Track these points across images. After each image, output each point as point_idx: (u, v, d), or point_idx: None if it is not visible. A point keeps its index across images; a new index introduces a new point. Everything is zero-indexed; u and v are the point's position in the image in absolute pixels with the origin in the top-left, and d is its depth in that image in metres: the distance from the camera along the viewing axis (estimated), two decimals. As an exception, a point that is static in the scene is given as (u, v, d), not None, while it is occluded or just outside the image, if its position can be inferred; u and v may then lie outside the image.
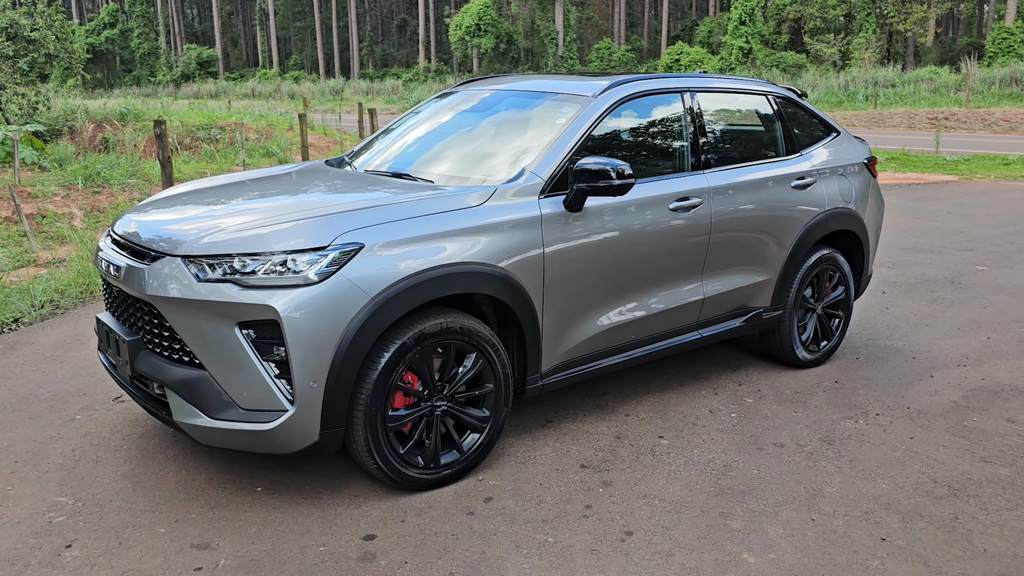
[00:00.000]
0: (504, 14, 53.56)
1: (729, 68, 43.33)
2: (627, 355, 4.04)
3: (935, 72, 35.56)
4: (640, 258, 3.93)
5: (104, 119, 18.47)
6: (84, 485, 3.42)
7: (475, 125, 4.37)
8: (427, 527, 3.13)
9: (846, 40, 43.28)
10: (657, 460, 3.73)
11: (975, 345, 5.45)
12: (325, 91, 52.92)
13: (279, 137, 18.57)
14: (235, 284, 2.99)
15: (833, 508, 3.34)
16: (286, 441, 3.06)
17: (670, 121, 4.27)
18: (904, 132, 25.20)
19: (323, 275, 3.00)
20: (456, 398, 3.43)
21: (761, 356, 5.12)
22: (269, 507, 3.26)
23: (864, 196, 5.09)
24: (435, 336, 3.26)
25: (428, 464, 3.36)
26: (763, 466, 3.70)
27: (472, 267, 3.31)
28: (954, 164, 15.99)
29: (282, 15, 72.61)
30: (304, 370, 2.98)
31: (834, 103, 33.52)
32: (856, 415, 4.29)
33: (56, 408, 4.23)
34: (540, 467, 3.64)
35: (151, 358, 3.24)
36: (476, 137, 4.26)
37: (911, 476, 3.63)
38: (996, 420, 4.25)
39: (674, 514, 3.27)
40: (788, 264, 4.64)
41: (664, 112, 4.26)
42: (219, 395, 3.06)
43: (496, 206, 3.47)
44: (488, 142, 4.16)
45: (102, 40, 68.11)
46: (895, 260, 7.97)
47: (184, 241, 3.15)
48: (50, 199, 10.86)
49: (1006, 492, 3.50)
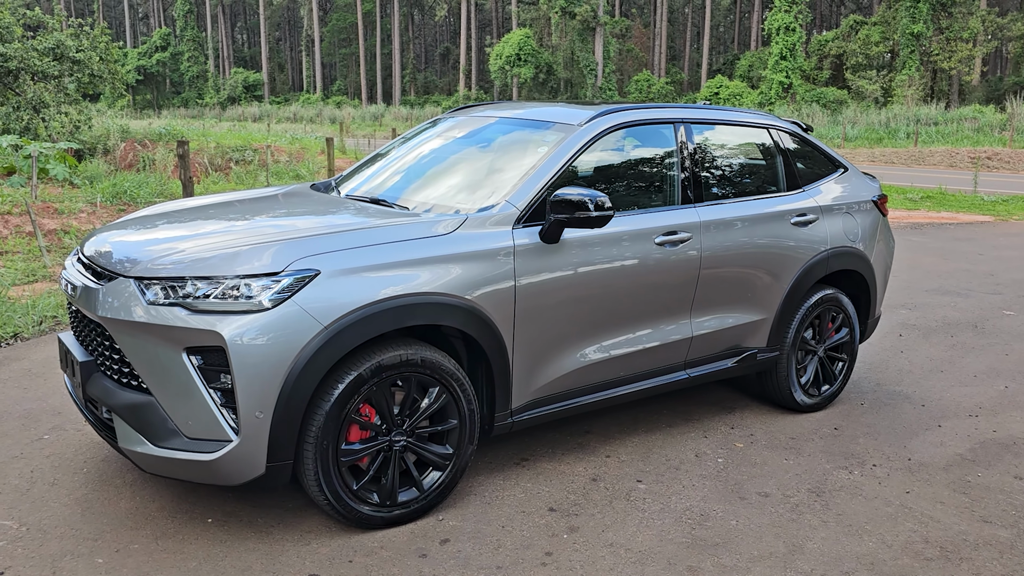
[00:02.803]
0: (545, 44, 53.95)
1: (768, 102, 43.05)
2: (606, 394, 3.87)
3: (979, 111, 34.95)
4: (621, 293, 3.78)
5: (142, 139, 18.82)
6: (34, 508, 3.34)
7: (459, 152, 4.27)
8: (374, 569, 2.98)
9: (889, 77, 42.79)
10: (631, 506, 3.55)
11: (991, 394, 5.18)
12: (366, 116, 53.63)
13: (310, 160, 18.76)
14: (184, 308, 2.90)
15: (811, 567, 3.13)
16: (230, 472, 2.95)
17: (660, 152, 4.13)
18: (944, 171, 24.69)
19: (276, 301, 2.90)
20: (417, 433, 3.29)
21: (759, 399, 4.91)
22: (215, 540, 3.13)
23: (872, 235, 4.88)
24: (394, 368, 3.13)
25: (384, 502, 3.22)
26: (743, 517, 3.49)
27: (435, 297, 3.18)
28: (991, 204, 15.56)
29: (328, 42, 73.97)
30: (250, 399, 2.87)
31: (874, 140, 33.06)
32: (851, 465, 4.06)
33: (27, 426, 4.17)
34: (506, 508, 3.48)
35: (102, 381, 3.15)
36: (461, 164, 4.16)
37: (901, 534, 3.40)
38: (1003, 476, 4.00)
39: (638, 565, 3.08)
40: (786, 303, 4.44)
41: (654, 143, 4.12)
42: (165, 422, 2.96)
43: (466, 235, 3.35)
44: (472, 170, 4.06)
45: (153, 62, 69.98)
46: (917, 302, 7.68)
47: (140, 262, 3.08)
48: (75, 215, 11.01)
49: (1003, 556, 3.26)
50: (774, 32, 43.74)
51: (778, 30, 43.37)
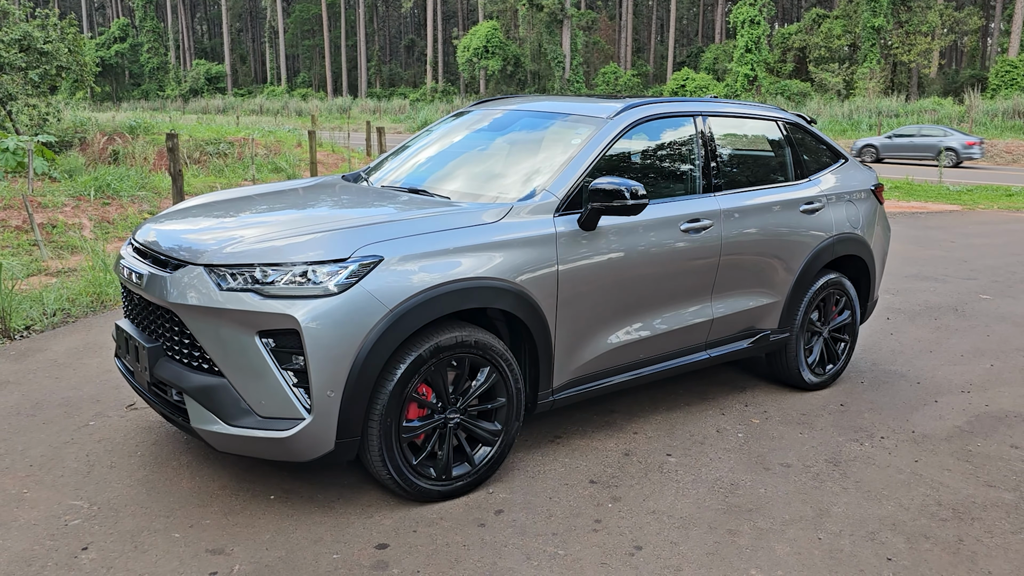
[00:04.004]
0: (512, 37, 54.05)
1: (734, 95, 43.67)
2: (636, 373, 4.09)
3: (939, 103, 35.85)
4: (651, 278, 3.99)
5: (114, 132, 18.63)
6: (99, 489, 3.46)
7: (490, 144, 4.44)
8: (439, 538, 3.17)
9: (850, 70, 43.64)
10: (665, 477, 3.77)
11: (978, 372, 5.49)
12: (332, 109, 53.31)
13: (287, 153, 18.72)
14: (256, 293, 3.05)
15: (839, 528, 3.38)
16: (302, 449, 3.11)
17: (682, 144, 4.35)
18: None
19: (343, 287, 3.06)
20: (469, 411, 3.48)
21: (767, 378, 5.17)
22: (282, 515, 3.29)
23: (871, 222, 5.16)
24: (450, 349, 3.31)
25: (440, 476, 3.41)
26: (770, 485, 3.74)
27: (488, 282, 3.37)
28: (957, 194, 16.10)
29: (291, 33, 73.25)
30: (322, 379, 3.03)
31: (838, 131, 33.74)
32: (861, 438, 4.33)
33: (70, 414, 4.27)
34: (550, 481, 3.68)
35: (170, 365, 3.29)
36: (491, 156, 4.34)
37: (916, 498, 3.66)
38: (1000, 446, 4.29)
39: (683, 530, 3.30)
40: (796, 287, 4.70)
41: (676, 135, 4.34)
42: (237, 402, 3.11)
43: (512, 223, 3.53)
44: (503, 161, 4.23)
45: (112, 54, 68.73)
46: (899, 287, 8.03)
47: (206, 251, 3.21)
48: (60, 209, 10.95)
49: (1010, 516, 3.54)
50: (739, 25, 44.36)
51: (743, 23, 43.99)
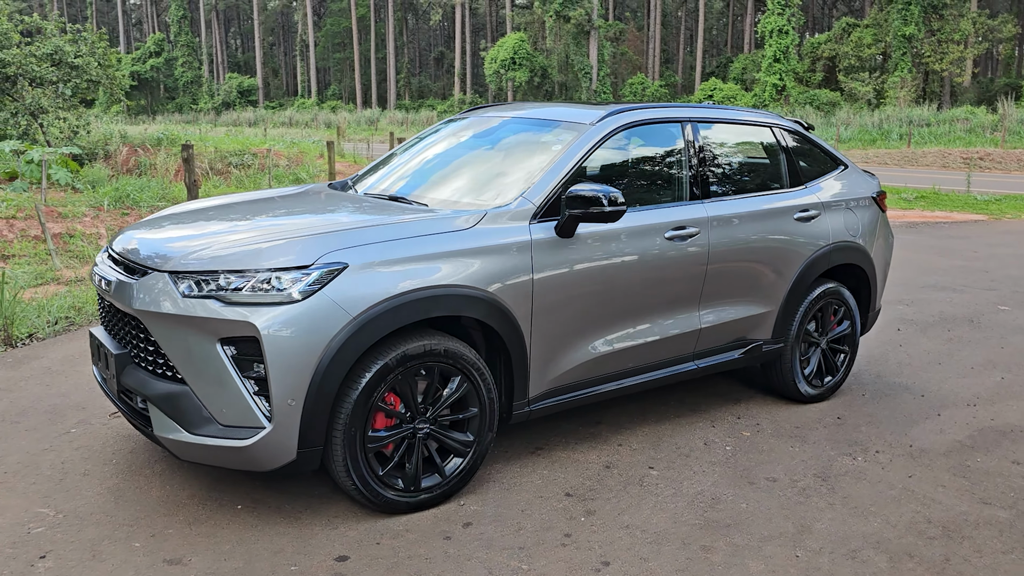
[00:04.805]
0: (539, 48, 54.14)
1: (762, 104, 43.28)
2: (619, 384, 4.00)
3: (971, 112, 35.22)
4: (634, 286, 3.91)
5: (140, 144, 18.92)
6: (68, 497, 3.45)
7: (476, 151, 4.39)
8: (401, 550, 3.10)
9: (881, 79, 43.08)
10: (644, 491, 3.68)
11: (988, 385, 5.32)
12: (361, 121, 53.72)
13: (309, 164, 18.86)
14: (219, 300, 3.02)
15: (820, 545, 3.26)
16: (263, 458, 3.06)
17: (669, 150, 4.26)
18: (937, 171, 24.90)
19: (306, 293, 3.02)
20: (440, 421, 3.42)
21: (764, 390, 5.04)
22: (246, 525, 3.25)
23: (872, 231, 5.02)
24: (418, 358, 3.25)
25: (408, 487, 3.34)
26: (752, 500, 3.62)
27: (458, 290, 3.31)
28: (984, 204, 15.75)
29: (322, 47, 74.07)
30: (282, 388, 2.99)
31: (867, 141, 33.28)
32: (855, 452, 4.19)
33: (54, 421, 4.28)
34: (524, 494, 3.60)
35: (137, 372, 3.27)
36: (476, 163, 4.29)
37: (905, 515, 3.53)
38: (1001, 461, 4.14)
39: (654, 545, 3.21)
40: (790, 297, 4.58)
41: (663, 141, 4.25)
42: (199, 410, 3.08)
43: (485, 229, 3.48)
44: (487, 168, 4.18)
45: (147, 68, 69.92)
46: (914, 297, 7.83)
47: (173, 257, 3.20)
48: (79, 219, 11.11)
49: (1003, 535, 3.39)
50: (767, 35, 44.00)
51: (771, 33, 43.63)
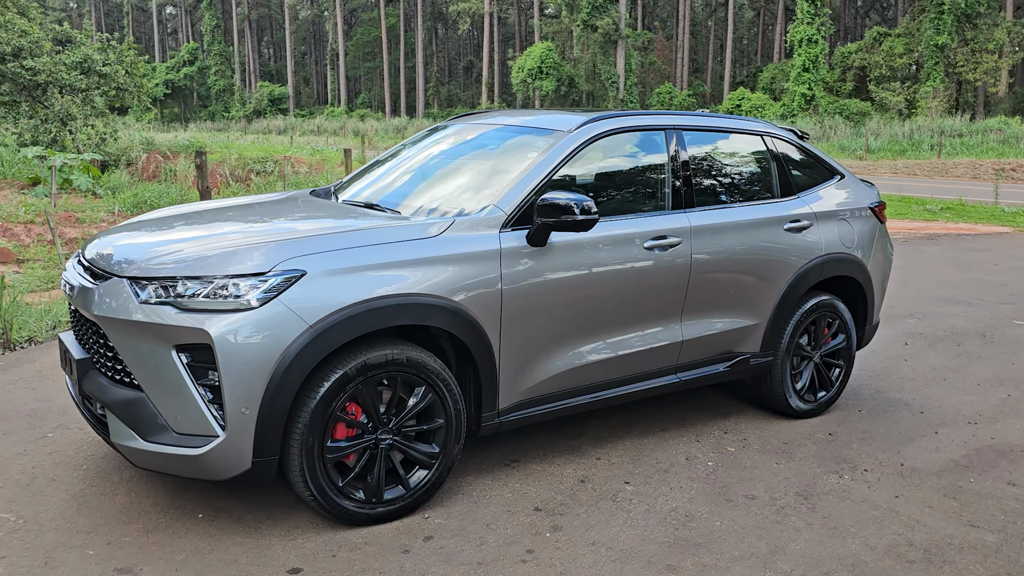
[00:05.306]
0: (567, 57, 54.12)
1: (791, 115, 42.84)
2: (595, 396, 3.91)
3: (1005, 122, 34.56)
4: (610, 297, 3.82)
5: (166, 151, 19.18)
6: (32, 502, 3.44)
7: (457, 159, 4.34)
8: (356, 563, 3.04)
9: (913, 88, 42.45)
10: (617, 506, 3.58)
11: (992, 402, 5.15)
12: (389, 129, 54.02)
13: (329, 172, 18.97)
14: (174, 307, 2.99)
15: (791, 567, 3.14)
16: (217, 467, 3.02)
17: (650, 158, 4.17)
18: (967, 183, 24.43)
19: (262, 300, 2.99)
20: (404, 432, 3.35)
21: (755, 404, 4.92)
22: (204, 534, 3.21)
23: (869, 242, 4.89)
24: (380, 367, 3.20)
25: (369, 499, 3.28)
26: (727, 518, 3.51)
27: (421, 299, 3.25)
28: (1011, 216, 15.39)
29: (352, 56, 74.72)
30: (236, 396, 2.95)
31: (897, 152, 32.78)
32: (842, 470, 4.06)
33: (33, 425, 4.28)
34: (492, 507, 3.53)
35: (97, 378, 3.25)
36: (455, 170, 4.24)
37: (886, 537, 3.40)
38: (995, 482, 3.98)
39: (618, 564, 3.11)
40: (779, 309, 4.46)
41: (645, 149, 4.17)
42: (155, 418, 3.05)
43: (453, 237, 3.42)
44: (465, 175, 4.13)
45: (181, 76, 71.04)
46: (926, 311, 7.63)
47: (133, 263, 3.18)
48: (96, 224, 11.24)
49: (987, 560, 3.25)
50: (797, 44, 43.55)
51: (801, 42, 43.18)
